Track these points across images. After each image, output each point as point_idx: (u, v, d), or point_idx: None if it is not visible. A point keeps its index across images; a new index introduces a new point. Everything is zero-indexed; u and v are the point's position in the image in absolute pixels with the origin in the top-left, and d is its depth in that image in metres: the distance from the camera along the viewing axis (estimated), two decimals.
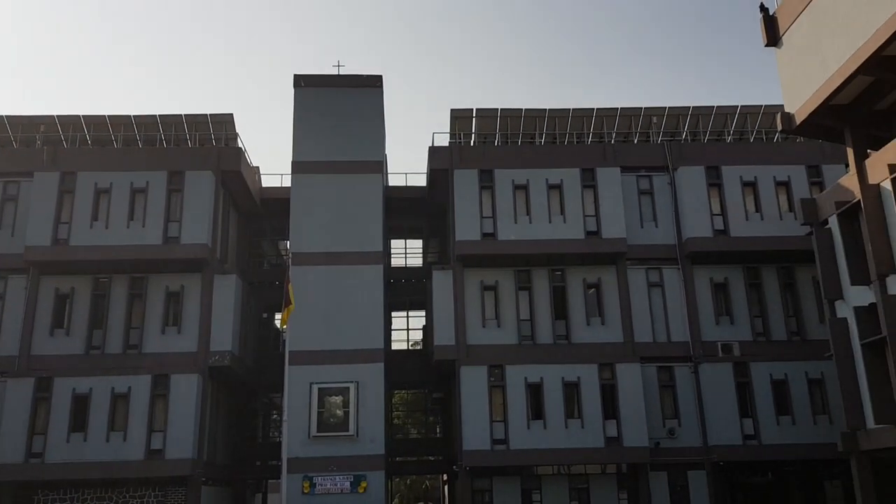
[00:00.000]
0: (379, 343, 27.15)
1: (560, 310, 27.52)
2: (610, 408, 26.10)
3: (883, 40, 18.40)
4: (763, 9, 24.02)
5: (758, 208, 28.21)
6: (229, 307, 27.03)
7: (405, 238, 35.02)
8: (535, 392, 26.26)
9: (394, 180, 34.23)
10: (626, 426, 25.71)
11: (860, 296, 21.59)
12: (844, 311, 22.39)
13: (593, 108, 30.25)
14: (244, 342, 28.73)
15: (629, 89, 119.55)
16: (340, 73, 30.22)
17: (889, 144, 20.47)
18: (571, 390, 26.31)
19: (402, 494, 48.34)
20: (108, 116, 29.65)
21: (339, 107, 29.34)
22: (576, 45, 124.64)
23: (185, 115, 29.77)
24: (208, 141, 30.08)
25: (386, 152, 31.25)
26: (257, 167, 32.13)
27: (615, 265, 27.89)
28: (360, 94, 29.72)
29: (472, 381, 26.18)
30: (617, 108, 30.30)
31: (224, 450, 29.24)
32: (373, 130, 29.40)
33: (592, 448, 25.63)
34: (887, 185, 20.07)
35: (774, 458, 26.12)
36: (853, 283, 21.68)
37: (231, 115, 29.84)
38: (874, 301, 20.76)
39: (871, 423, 20.91)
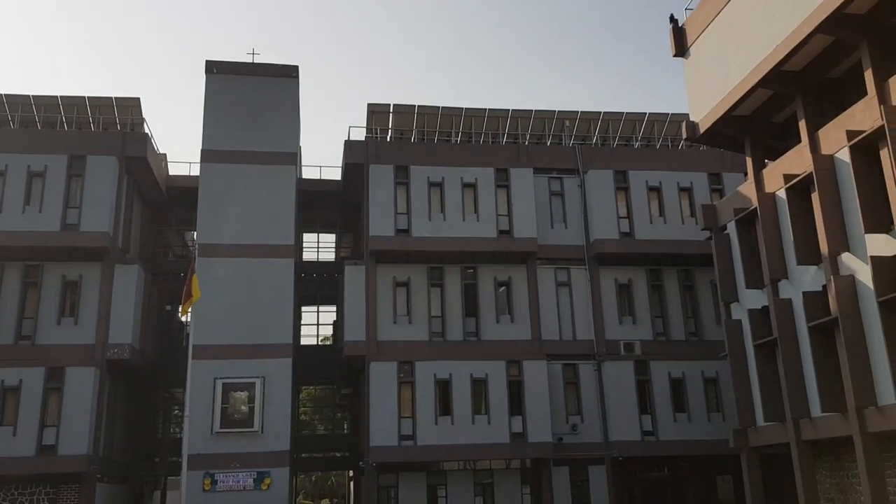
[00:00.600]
0: (287, 338, 26.72)
1: (471, 307, 27.76)
2: (516, 404, 26.48)
3: (782, 56, 19.39)
4: (672, 20, 24.87)
5: (661, 212, 29.14)
6: (130, 298, 26.11)
7: (318, 232, 34.63)
8: (443, 388, 26.40)
9: (308, 173, 33.91)
10: (531, 422, 26.15)
11: (754, 299, 22.56)
12: (739, 313, 23.35)
13: (508, 110, 30.73)
14: (145, 335, 27.77)
15: (543, 92, 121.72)
16: (255, 61, 29.65)
17: (785, 155, 21.47)
18: (479, 386, 26.57)
19: (307, 491, 47.84)
20: (5, 95, 28.18)
21: (252, 96, 28.69)
22: (494, 46, 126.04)
23: (89, 97, 28.63)
24: (113, 125, 28.97)
25: (300, 144, 30.78)
26: (164, 154, 31.16)
27: (525, 264, 28.34)
28: (276, 83, 29.16)
29: (382, 377, 26.11)
30: (531, 111, 30.90)
31: (122, 446, 28.21)
32: (287, 121, 28.87)
33: (498, 443, 25.94)
34: (782, 194, 20.98)
35: (671, 453, 27.03)
36: (748, 286, 22.58)
37: (138, 98, 28.91)
38: (767, 304, 21.74)
39: (760, 420, 21.91)
